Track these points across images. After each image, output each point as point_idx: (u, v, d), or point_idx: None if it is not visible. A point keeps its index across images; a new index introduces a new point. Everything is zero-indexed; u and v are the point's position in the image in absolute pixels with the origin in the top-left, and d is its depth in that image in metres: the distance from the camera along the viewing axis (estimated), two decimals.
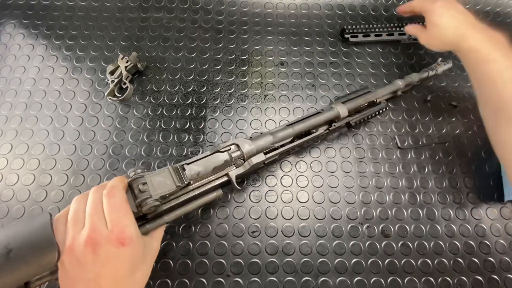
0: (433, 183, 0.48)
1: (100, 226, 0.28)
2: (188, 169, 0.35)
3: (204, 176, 0.36)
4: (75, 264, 0.26)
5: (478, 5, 0.65)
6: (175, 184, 0.32)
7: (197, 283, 0.40)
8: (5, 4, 0.60)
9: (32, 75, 0.54)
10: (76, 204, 0.29)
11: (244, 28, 0.60)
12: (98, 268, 0.27)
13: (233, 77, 0.55)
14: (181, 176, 0.34)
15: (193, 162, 0.36)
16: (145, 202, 0.30)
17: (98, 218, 0.28)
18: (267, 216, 0.45)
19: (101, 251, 0.27)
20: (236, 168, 0.38)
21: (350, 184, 0.47)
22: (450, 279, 0.42)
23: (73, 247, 0.27)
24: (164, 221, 0.34)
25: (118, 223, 0.28)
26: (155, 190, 0.31)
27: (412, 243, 0.44)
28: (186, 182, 0.34)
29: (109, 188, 0.30)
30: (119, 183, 0.31)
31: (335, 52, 0.58)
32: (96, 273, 0.27)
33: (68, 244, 0.27)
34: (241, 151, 0.38)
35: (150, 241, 0.33)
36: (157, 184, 0.32)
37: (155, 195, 0.31)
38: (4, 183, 0.45)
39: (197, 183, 0.35)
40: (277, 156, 0.42)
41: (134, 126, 0.50)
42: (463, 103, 0.55)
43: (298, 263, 0.42)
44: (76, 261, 0.26)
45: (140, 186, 0.31)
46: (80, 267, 0.26)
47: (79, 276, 0.27)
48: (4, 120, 0.50)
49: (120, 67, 0.52)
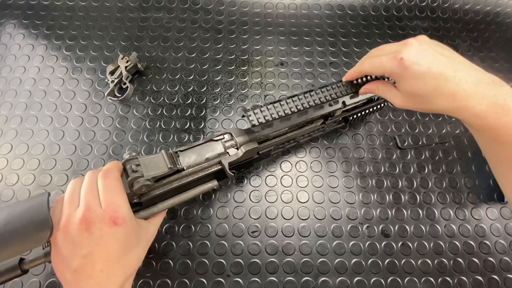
0: (433, 183, 0.48)
1: (94, 205, 0.28)
2: (182, 155, 0.36)
3: (197, 163, 0.36)
4: (69, 242, 0.27)
5: (478, 5, 0.65)
6: (167, 167, 0.33)
7: (197, 283, 0.40)
8: (5, 4, 0.60)
9: (32, 75, 0.54)
10: (72, 186, 0.30)
11: (244, 28, 0.60)
12: (92, 246, 0.27)
13: (233, 77, 0.55)
14: (174, 161, 0.34)
15: (187, 149, 0.36)
16: (136, 180, 0.31)
17: (92, 197, 0.29)
18: (267, 216, 0.45)
19: (94, 229, 0.27)
20: (229, 156, 0.38)
21: (350, 184, 0.47)
22: (450, 279, 0.42)
23: (67, 224, 0.27)
24: (159, 208, 0.35)
25: (111, 202, 0.29)
26: (147, 171, 0.32)
27: (412, 243, 0.44)
28: (179, 167, 0.34)
29: (104, 170, 0.31)
30: (114, 166, 0.32)
31: (335, 52, 0.58)
32: (90, 251, 0.27)
33: (63, 222, 0.28)
34: (235, 140, 0.38)
35: (146, 225, 0.33)
36: (150, 165, 0.32)
37: (147, 176, 0.31)
38: (4, 183, 0.45)
39: (190, 169, 0.36)
40: (272, 147, 0.41)
41: (134, 126, 0.50)
42: None
43: (298, 263, 0.42)
44: (70, 239, 0.27)
45: (133, 167, 0.31)
46: (74, 245, 0.27)
47: (73, 254, 0.27)
48: (4, 120, 0.50)
49: (120, 67, 0.52)
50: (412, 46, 0.30)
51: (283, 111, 0.37)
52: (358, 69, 0.36)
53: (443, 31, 0.62)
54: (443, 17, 0.64)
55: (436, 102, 0.29)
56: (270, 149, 0.42)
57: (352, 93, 0.41)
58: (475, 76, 0.28)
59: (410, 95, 0.31)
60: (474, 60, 0.60)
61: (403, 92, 0.32)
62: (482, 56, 0.60)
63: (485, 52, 0.61)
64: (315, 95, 0.39)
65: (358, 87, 0.40)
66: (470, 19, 0.64)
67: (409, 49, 0.29)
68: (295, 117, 0.40)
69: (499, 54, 0.61)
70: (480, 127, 0.28)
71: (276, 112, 0.37)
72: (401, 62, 0.29)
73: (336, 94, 0.40)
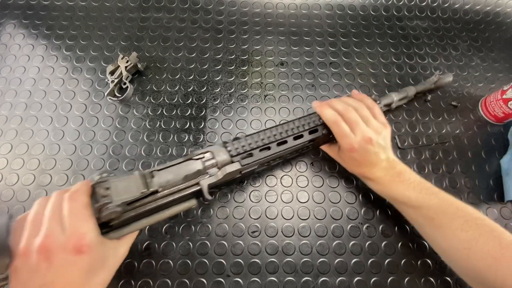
0: (433, 183, 0.48)
1: (56, 233, 0.26)
2: (158, 176, 0.33)
3: (174, 184, 0.34)
4: (28, 269, 0.26)
5: (478, 5, 0.65)
6: (139, 191, 0.31)
7: (197, 283, 0.40)
8: (5, 4, 0.60)
9: (32, 75, 0.54)
10: (37, 207, 0.28)
11: (244, 28, 0.60)
12: (51, 275, 0.26)
13: (233, 77, 0.55)
14: (147, 183, 0.32)
15: (163, 169, 0.34)
16: (105, 207, 0.29)
17: (55, 223, 0.27)
18: (267, 216, 0.45)
19: (55, 258, 0.26)
20: (209, 177, 0.36)
21: (350, 184, 0.47)
22: (450, 279, 0.42)
23: (26, 252, 0.26)
24: (131, 229, 0.33)
25: (76, 229, 0.27)
26: (118, 195, 0.30)
27: (412, 243, 0.44)
28: (152, 190, 0.32)
29: (71, 192, 0.29)
30: (82, 186, 0.30)
31: (335, 52, 0.58)
32: (49, 281, 0.26)
33: (23, 248, 0.26)
34: (216, 159, 0.36)
35: (116, 246, 0.32)
36: (121, 189, 0.30)
37: (117, 201, 0.29)
38: (4, 183, 0.45)
39: (165, 191, 0.33)
40: (256, 166, 0.39)
41: (134, 126, 0.50)
42: (463, 103, 0.55)
43: (298, 263, 0.42)
44: (29, 266, 0.26)
45: (102, 191, 0.29)
46: (32, 273, 0.26)
47: (31, 282, 0.26)
48: (4, 120, 0.50)
49: (120, 67, 0.52)
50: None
51: (261, 141, 0.38)
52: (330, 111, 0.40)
53: (443, 31, 0.62)
54: (443, 17, 0.64)
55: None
56: (254, 169, 0.40)
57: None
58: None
59: (348, 159, 0.41)
60: (474, 60, 0.60)
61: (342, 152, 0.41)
62: (482, 56, 0.60)
63: (485, 52, 0.61)
64: (293, 124, 0.41)
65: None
66: (470, 19, 0.64)
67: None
68: (274, 146, 0.39)
69: (499, 54, 0.61)
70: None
71: (254, 142, 0.38)
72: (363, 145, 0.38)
73: (314, 122, 0.41)
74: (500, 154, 0.51)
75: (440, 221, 0.36)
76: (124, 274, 0.40)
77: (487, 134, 0.53)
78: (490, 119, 0.53)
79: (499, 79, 0.58)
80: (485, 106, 0.54)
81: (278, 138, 0.39)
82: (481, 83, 0.57)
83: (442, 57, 0.59)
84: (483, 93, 0.56)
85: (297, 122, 0.41)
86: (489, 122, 0.54)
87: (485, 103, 0.54)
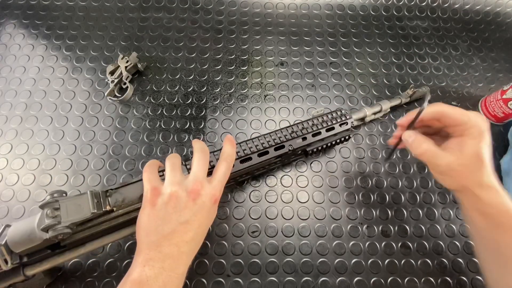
0: (433, 183, 0.48)
1: (204, 182, 0.32)
2: (113, 194, 0.33)
3: (129, 204, 0.33)
4: (172, 206, 0.30)
5: (478, 5, 0.65)
6: (90, 211, 0.30)
7: (197, 283, 0.40)
8: (5, 4, 0.60)
9: (32, 75, 0.54)
10: (172, 159, 0.34)
11: (244, 28, 0.60)
12: (191, 215, 0.30)
13: (233, 77, 0.55)
14: (101, 203, 0.31)
15: (119, 188, 0.33)
16: (53, 228, 0.28)
17: (203, 174, 0.33)
18: (267, 216, 0.45)
19: (199, 201, 0.31)
20: None
21: (350, 184, 0.47)
22: (450, 279, 0.42)
23: (177, 191, 0.30)
24: (86, 250, 0.32)
25: (216, 184, 0.33)
26: (67, 215, 0.29)
27: (412, 243, 0.44)
28: (104, 209, 0.31)
29: (225, 155, 0.35)
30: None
31: (335, 52, 0.58)
32: (187, 219, 0.30)
33: (173, 187, 0.31)
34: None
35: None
36: (72, 209, 0.30)
37: (66, 221, 0.29)
38: (4, 183, 0.45)
39: (120, 210, 0.33)
40: (232, 183, 0.38)
41: (134, 126, 0.50)
42: (463, 103, 0.55)
43: (298, 263, 0.42)
44: (174, 203, 0.30)
45: (49, 212, 0.29)
46: (175, 210, 0.30)
47: (170, 218, 0.30)
48: (4, 120, 0.50)
49: (120, 67, 0.52)
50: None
51: (243, 151, 0.39)
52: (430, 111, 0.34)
53: (443, 31, 0.62)
54: (443, 17, 0.64)
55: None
56: (232, 184, 0.39)
57: (313, 131, 0.42)
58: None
59: (472, 156, 0.31)
60: (474, 60, 0.60)
61: (463, 152, 0.31)
62: (482, 56, 0.60)
63: (485, 52, 0.61)
64: (275, 135, 0.41)
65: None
66: (470, 19, 0.64)
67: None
68: (255, 156, 0.39)
69: (499, 54, 0.61)
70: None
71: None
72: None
73: (296, 133, 0.42)
74: (500, 154, 0.51)
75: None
76: (124, 274, 0.40)
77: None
78: (490, 119, 0.53)
79: (499, 79, 0.58)
80: (485, 106, 0.54)
81: (259, 148, 0.40)
82: (481, 83, 0.57)
83: (442, 57, 0.59)
84: (483, 93, 0.56)
85: (280, 133, 0.41)
86: (489, 122, 0.54)
87: (485, 103, 0.54)
